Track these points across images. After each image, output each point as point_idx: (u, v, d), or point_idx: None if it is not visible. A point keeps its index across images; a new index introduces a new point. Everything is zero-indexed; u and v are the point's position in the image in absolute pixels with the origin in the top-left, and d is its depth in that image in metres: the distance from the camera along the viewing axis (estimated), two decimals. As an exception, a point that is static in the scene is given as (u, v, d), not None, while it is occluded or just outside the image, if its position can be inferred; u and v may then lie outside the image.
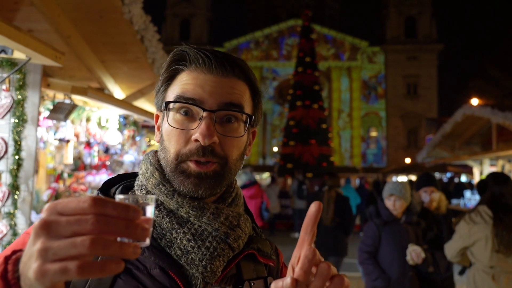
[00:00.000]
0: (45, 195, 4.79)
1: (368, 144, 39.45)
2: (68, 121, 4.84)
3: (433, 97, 38.67)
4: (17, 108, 3.09)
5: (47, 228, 0.53)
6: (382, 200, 3.89)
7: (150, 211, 0.63)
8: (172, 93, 0.92)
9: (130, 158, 6.71)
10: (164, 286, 0.83)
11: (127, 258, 0.55)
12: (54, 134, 4.80)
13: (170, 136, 0.90)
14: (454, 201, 11.40)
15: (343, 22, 47.44)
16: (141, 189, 0.94)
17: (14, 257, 0.63)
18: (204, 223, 0.88)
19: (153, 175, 0.93)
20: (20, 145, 3.19)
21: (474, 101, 13.85)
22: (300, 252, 0.66)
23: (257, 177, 24.91)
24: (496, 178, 3.73)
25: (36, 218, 4.76)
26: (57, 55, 2.98)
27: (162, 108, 0.93)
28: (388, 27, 39.56)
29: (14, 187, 3.22)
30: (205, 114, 0.86)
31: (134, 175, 1.01)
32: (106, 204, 0.54)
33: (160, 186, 0.91)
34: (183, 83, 0.90)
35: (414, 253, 3.60)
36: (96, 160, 5.74)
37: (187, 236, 0.86)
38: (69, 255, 0.52)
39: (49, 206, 0.55)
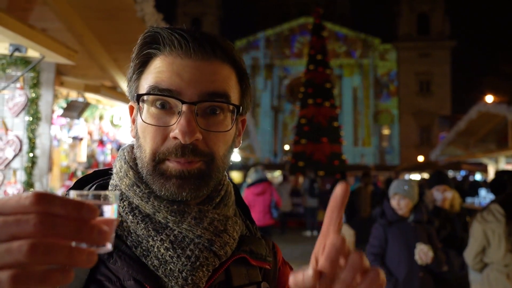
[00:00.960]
0: (59, 192, 4.85)
1: (380, 142, 39.16)
2: (82, 119, 4.88)
3: (446, 95, 38.20)
4: (31, 106, 3.13)
5: None
6: (388, 199, 3.83)
7: (112, 210, 0.53)
8: (145, 83, 0.79)
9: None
10: None
11: (79, 266, 0.45)
12: (68, 132, 4.85)
13: (145, 133, 0.78)
14: (469, 200, 11.25)
15: (355, 19, 47.13)
16: (115, 189, 0.82)
17: None
18: (185, 229, 0.76)
19: (127, 174, 0.81)
20: (34, 143, 3.22)
21: (489, 98, 13.63)
22: (326, 241, 0.56)
23: (269, 175, 24.90)
24: (503, 175, 3.70)
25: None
26: (70, 53, 3.00)
27: (135, 100, 0.80)
28: (400, 24, 39.16)
29: (28, 185, 3.26)
30: (184, 107, 0.74)
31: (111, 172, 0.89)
32: (53, 200, 0.44)
33: (135, 187, 0.79)
34: (157, 70, 0.77)
35: (422, 253, 3.55)
36: (109, 158, 5.78)
37: (165, 244, 0.75)
38: (4, 263, 0.42)
39: None
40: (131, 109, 0.88)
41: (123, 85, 6.14)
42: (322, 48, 23.43)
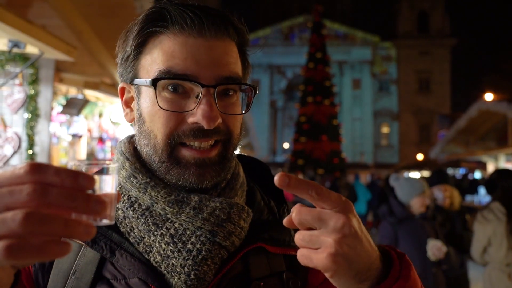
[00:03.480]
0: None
1: (379, 140, 39.17)
2: (81, 117, 4.87)
3: (445, 93, 38.19)
4: (30, 103, 3.11)
5: None
6: (395, 197, 3.80)
7: (111, 181, 0.50)
8: (151, 64, 0.73)
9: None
10: None
11: (77, 238, 0.44)
12: (68, 129, 4.83)
13: (154, 118, 0.73)
14: (468, 198, 11.25)
15: (355, 17, 47.07)
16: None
17: None
18: (184, 221, 0.72)
19: (123, 166, 0.77)
20: (33, 140, 3.21)
21: (488, 96, 13.62)
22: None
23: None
24: (503, 174, 3.69)
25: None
26: (69, 49, 2.99)
27: (135, 82, 0.75)
28: (400, 22, 39.11)
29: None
30: (204, 91, 0.70)
31: None
32: (48, 170, 0.42)
33: (131, 178, 0.75)
34: (168, 51, 0.71)
35: (435, 248, 3.53)
36: (109, 156, 5.77)
37: (165, 239, 0.71)
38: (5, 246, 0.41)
39: None
40: (122, 90, 0.82)
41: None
42: (322, 46, 23.40)
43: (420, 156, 30.88)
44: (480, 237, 3.57)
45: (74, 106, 4.10)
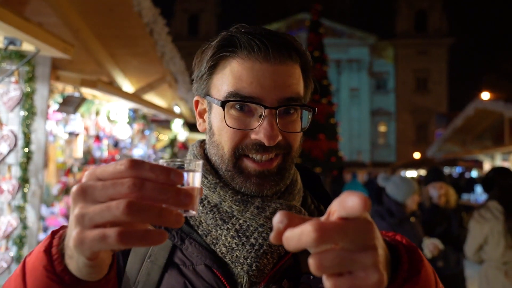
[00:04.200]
0: (55, 189, 4.82)
1: (377, 139, 39.23)
2: (78, 115, 4.85)
3: (443, 92, 38.27)
4: (26, 100, 3.09)
5: (83, 193, 0.51)
6: (389, 197, 3.77)
7: (196, 178, 0.59)
8: (222, 84, 0.83)
9: (139, 152, 6.73)
10: (209, 284, 0.79)
11: (168, 226, 0.51)
12: (64, 127, 4.81)
13: (222, 132, 0.84)
14: (465, 196, 11.29)
15: (353, 16, 47.08)
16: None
17: (61, 231, 0.62)
18: (248, 218, 0.81)
19: None
20: (29, 138, 3.19)
21: (486, 95, 13.66)
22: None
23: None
24: (500, 172, 3.70)
25: (46, 212, 4.79)
26: (66, 47, 2.97)
27: (208, 99, 0.87)
28: (398, 21, 39.14)
29: (23, 180, 3.23)
30: (266, 112, 0.79)
31: None
32: (144, 166, 0.50)
33: (202, 178, 0.85)
34: (236, 75, 0.81)
35: (432, 246, 3.54)
36: (105, 154, 5.75)
37: (231, 233, 0.80)
38: (105, 220, 0.49)
39: (88, 172, 0.53)
40: (196, 103, 0.94)
41: (120, 80, 6.10)
42: (320, 44, 23.39)
43: (417, 155, 30.93)
44: (476, 235, 3.58)
45: (70, 104, 4.08)
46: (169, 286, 0.79)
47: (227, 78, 0.83)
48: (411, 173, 22.90)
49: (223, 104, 0.81)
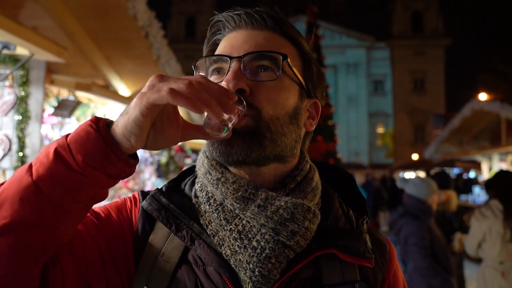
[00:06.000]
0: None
1: (374, 140, 39.27)
2: (73, 118, 4.83)
3: (440, 93, 38.36)
4: (21, 104, 3.08)
5: (159, 76, 0.64)
6: (411, 196, 3.62)
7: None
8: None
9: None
10: (217, 286, 0.75)
11: (221, 106, 0.64)
12: (60, 131, 4.79)
13: None
14: (463, 197, 11.29)
15: (350, 17, 47.18)
16: (198, 181, 0.86)
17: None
18: (249, 217, 0.76)
19: (203, 164, 0.85)
20: (24, 142, 3.17)
21: (482, 96, 13.68)
22: None
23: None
24: (503, 174, 3.75)
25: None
26: (60, 51, 2.96)
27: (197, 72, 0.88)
28: (394, 22, 39.24)
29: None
30: (232, 62, 0.77)
31: None
32: (211, 81, 0.65)
33: (207, 175, 0.82)
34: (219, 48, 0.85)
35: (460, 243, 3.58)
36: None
37: (234, 234, 0.76)
38: (180, 87, 0.61)
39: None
40: None
41: (116, 83, 6.08)
42: (317, 46, 23.45)
43: (415, 156, 30.98)
44: (476, 232, 3.61)
45: (65, 108, 4.06)
46: (182, 282, 0.77)
47: None
48: (409, 175, 22.90)
49: (195, 65, 0.84)
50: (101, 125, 0.65)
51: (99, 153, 0.64)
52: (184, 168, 0.98)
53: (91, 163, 0.63)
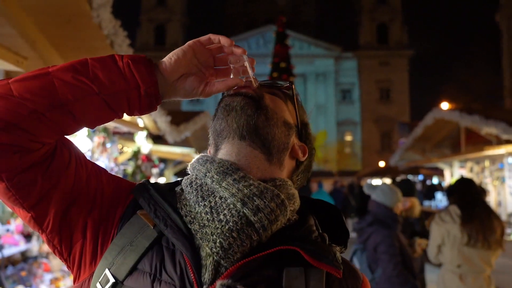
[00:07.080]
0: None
1: (343, 148, 39.91)
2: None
3: (405, 101, 39.52)
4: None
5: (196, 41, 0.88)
6: (378, 203, 3.61)
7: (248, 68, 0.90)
8: None
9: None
10: (179, 263, 0.78)
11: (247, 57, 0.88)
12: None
13: None
14: (426, 203, 11.63)
15: (318, 28, 48.04)
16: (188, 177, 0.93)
17: None
18: (224, 188, 0.81)
19: (194, 167, 0.94)
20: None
21: (444, 105, 14.20)
22: None
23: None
24: (464, 181, 3.90)
25: (2, 230, 4.59)
26: (19, 60, 2.89)
27: None
28: (361, 34, 40.33)
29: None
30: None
31: None
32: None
33: (196, 163, 0.91)
34: None
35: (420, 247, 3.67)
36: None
37: (206, 209, 0.81)
38: (210, 41, 0.89)
39: None
40: None
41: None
42: (286, 55, 23.70)
43: (382, 164, 31.71)
44: (435, 236, 3.73)
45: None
46: (143, 268, 0.79)
47: None
48: (376, 181, 23.40)
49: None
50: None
51: (143, 65, 0.83)
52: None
53: (135, 66, 0.81)
